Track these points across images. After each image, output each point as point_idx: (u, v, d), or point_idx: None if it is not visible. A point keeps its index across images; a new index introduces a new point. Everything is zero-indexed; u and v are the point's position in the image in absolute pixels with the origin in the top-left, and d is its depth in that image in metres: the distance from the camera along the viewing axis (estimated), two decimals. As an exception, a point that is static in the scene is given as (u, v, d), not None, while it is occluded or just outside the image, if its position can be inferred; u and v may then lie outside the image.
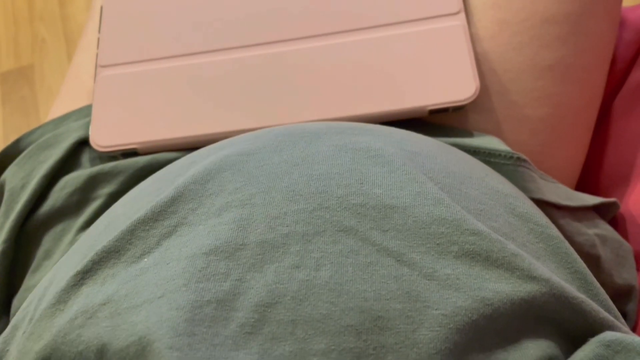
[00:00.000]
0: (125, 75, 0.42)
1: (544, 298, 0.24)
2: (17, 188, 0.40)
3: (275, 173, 0.28)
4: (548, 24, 0.39)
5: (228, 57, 0.41)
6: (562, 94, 0.40)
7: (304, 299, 0.23)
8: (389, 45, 0.39)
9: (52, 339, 0.24)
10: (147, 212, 0.27)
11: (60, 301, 0.26)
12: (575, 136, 0.41)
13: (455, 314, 0.23)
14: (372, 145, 0.29)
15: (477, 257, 0.25)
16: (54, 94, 1.15)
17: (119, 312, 0.23)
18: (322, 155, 0.29)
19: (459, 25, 0.39)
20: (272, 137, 0.31)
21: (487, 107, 0.39)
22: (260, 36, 0.41)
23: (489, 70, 0.39)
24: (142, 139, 0.39)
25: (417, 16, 0.40)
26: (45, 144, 0.41)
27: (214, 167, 0.29)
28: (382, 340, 0.22)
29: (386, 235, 0.25)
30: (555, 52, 0.39)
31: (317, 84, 0.39)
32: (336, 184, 0.27)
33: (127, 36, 0.43)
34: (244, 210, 0.26)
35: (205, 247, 0.25)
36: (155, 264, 0.25)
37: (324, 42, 0.40)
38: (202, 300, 0.23)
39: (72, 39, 1.20)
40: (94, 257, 0.26)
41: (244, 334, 0.22)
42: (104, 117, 0.40)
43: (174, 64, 0.41)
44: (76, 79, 0.46)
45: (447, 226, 0.25)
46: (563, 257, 0.28)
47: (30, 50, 1.21)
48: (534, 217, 0.29)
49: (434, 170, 0.29)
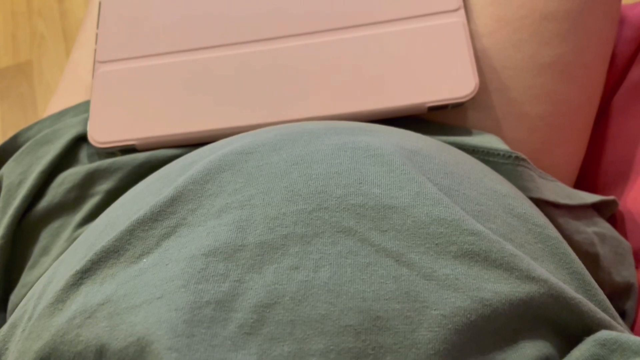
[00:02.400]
0: (124, 71, 0.41)
1: (542, 298, 0.24)
2: (15, 184, 0.40)
3: (274, 173, 0.28)
4: (547, 21, 0.39)
5: (227, 54, 0.41)
6: (561, 91, 0.40)
7: (302, 299, 0.23)
8: (389, 42, 0.39)
9: (51, 339, 0.24)
10: (147, 212, 0.27)
11: (59, 300, 0.26)
12: (574, 134, 0.41)
13: (454, 314, 0.23)
14: (371, 145, 0.29)
15: (476, 257, 0.25)
16: (52, 90, 1.14)
17: (117, 313, 0.23)
18: (321, 155, 0.28)
19: (459, 22, 0.39)
20: (272, 136, 0.31)
21: (486, 104, 0.39)
22: (259, 32, 0.41)
23: (488, 67, 0.39)
24: (141, 135, 0.39)
25: (417, 13, 0.40)
26: (44, 140, 0.41)
27: (213, 167, 0.29)
28: (381, 341, 0.22)
29: (385, 236, 0.25)
30: (554, 49, 0.39)
31: (316, 80, 0.39)
32: (335, 183, 0.27)
33: (125, 32, 0.43)
34: (243, 212, 0.26)
35: (204, 248, 0.25)
36: (154, 264, 0.25)
37: (323, 38, 0.40)
38: (201, 301, 0.23)
39: (70, 35, 1.20)
40: (93, 257, 0.26)
41: (242, 335, 0.22)
42: (102, 113, 0.40)
43: (172, 60, 0.41)
44: (74, 75, 0.46)
45: (446, 226, 0.25)
46: (561, 258, 0.28)
47: (29, 46, 1.21)
48: (532, 218, 0.29)
49: (432, 171, 0.28)
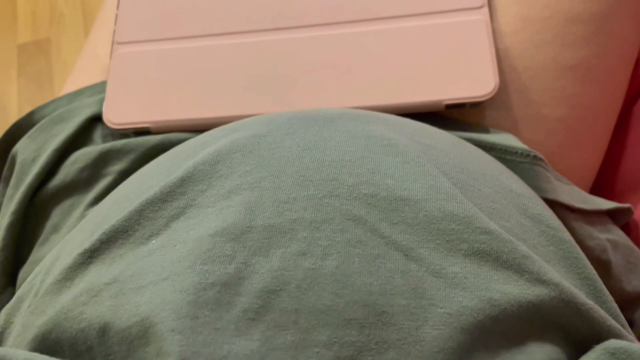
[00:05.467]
0: (142, 53, 0.41)
1: (552, 302, 0.24)
2: (29, 160, 0.40)
3: (286, 157, 0.27)
4: (572, 23, 0.39)
5: (246, 41, 0.40)
6: (582, 95, 0.39)
7: (308, 288, 0.23)
8: (409, 37, 0.39)
9: (54, 315, 0.24)
10: (156, 192, 0.27)
11: (67, 278, 0.26)
12: (592, 139, 0.41)
13: (461, 313, 0.22)
14: (386, 135, 0.29)
15: (486, 256, 0.24)
16: (69, 68, 1.15)
17: (123, 292, 0.23)
18: (334, 141, 0.28)
19: (482, 19, 0.38)
20: (285, 120, 0.30)
21: (505, 104, 0.39)
22: (278, 21, 0.41)
23: (509, 67, 0.39)
24: (156, 118, 0.39)
25: (440, 8, 0.39)
26: (59, 118, 0.41)
27: (224, 148, 0.28)
28: (385, 336, 0.22)
29: (395, 228, 0.25)
30: (577, 52, 0.39)
31: (334, 72, 0.38)
32: (348, 171, 0.26)
33: (145, 14, 0.43)
34: (253, 194, 0.26)
35: (212, 229, 0.24)
36: (163, 245, 0.25)
37: (343, 30, 0.40)
38: (206, 283, 0.23)
39: (90, 14, 1.20)
40: (102, 236, 0.26)
41: (246, 320, 0.22)
42: (118, 94, 0.40)
43: (191, 45, 0.41)
44: (92, 55, 0.46)
45: (458, 223, 0.25)
46: (573, 262, 0.27)
47: (48, 23, 1.22)
48: (546, 220, 0.29)
49: (447, 165, 0.28)
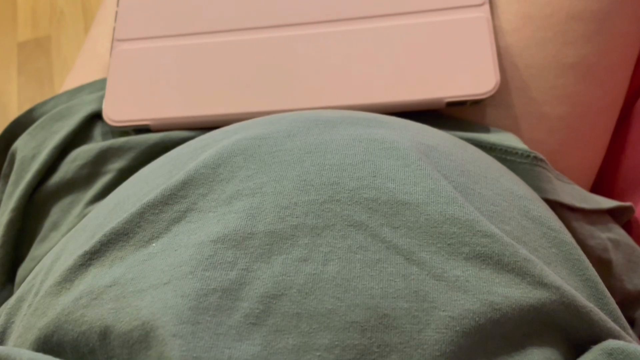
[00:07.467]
0: (142, 51, 0.41)
1: (553, 305, 0.24)
2: (28, 157, 0.40)
3: (287, 161, 0.27)
4: (573, 20, 0.39)
5: (247, 38, 0.40)
6: (583, 93, 0.39)
7: (310, 292, 0.23)
8: (410, 34, 0.39)
9: (55, 317, 0.24)
10: (157, 195, 0.27)
11: (67, 280, 0.25)
12: (593, 137, 0.41)
13: (463, 316, 0.22)
14: (387, 138, 0.29)
15: (488, 260, 0.24)
16: (69, 65, 1.15)
17: (124, 295, 0.23)
18: (335, 145, 0.28)
19: (483, 17, 0.38)
20: (286, 122, 0.30)
21: (505, 102, 0.39)
22: (279, 18, 0.40)
23: (510, 64, 0.39)
24: (156, 115, 0.39)
25: (440, 5, 0.39)
26: (58, 115, 0.41)
27: (225, 151, 0.28)
28: (387, 339, 0.22)
29: (397, 232, 0.24)
30: (579, 50, 0.39)
31: (334, 70, 0.38)
32: (349, 175, 0.26)
33: (145, 11, 0.43)
34: (254, 199, 0.26)
35: (213, 234, 0.24)
36: (163, 249, 0.25)
37: (343, 27, 0.39)
38: (208, 289, 0.23)
39: (90, 12, 1.20)
40: (102, 238, 0.26)
41: (248, 325, 0.22)
42: (118, 92, 0.40)
43: (191, 42, 0.41)
44: (92, 52, 0.46)
45: (459, 226, 0.25)
46: (575, 264, 0.27)
47: (48, 21, 1.21)
48: (547, 221, 0.29)
49: (448, 168, 0.28)
